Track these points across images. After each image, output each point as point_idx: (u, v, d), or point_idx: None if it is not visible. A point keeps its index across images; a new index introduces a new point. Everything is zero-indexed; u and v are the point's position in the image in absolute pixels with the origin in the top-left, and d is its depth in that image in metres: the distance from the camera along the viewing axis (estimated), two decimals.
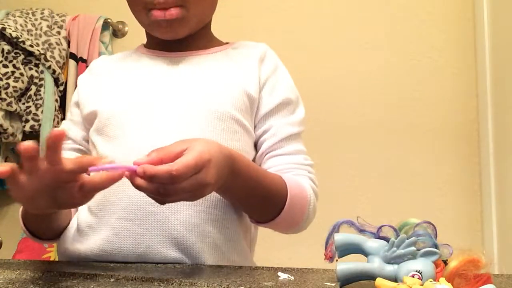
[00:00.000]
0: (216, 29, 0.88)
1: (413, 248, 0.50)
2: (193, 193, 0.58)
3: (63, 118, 1.53)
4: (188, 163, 0.55)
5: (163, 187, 0.55)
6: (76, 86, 0.90)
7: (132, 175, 0.56)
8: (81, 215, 0.75)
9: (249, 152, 0.80)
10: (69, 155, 0.79)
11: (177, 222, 0.70)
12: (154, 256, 0.69)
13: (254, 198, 0.72)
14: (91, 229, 0.73)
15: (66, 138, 0.55)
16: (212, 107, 0.76)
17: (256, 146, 0.82)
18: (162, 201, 0.60)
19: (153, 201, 0.69)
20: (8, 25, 1.53)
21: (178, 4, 0.77)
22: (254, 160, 0.82)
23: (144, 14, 0.79)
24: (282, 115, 0.82)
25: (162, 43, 0.83)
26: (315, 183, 0.81)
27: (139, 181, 0.55)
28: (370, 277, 0.50)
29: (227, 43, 0.88)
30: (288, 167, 0.79)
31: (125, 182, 0.70)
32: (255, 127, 0.82)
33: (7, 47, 1.53)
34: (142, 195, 0.69)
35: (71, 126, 0.85)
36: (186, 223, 0.70)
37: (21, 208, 0.77)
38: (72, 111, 0.87)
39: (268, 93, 0.82)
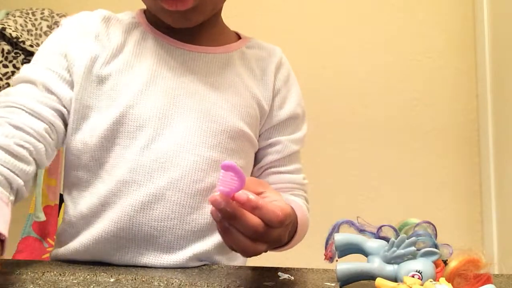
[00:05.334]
0: None
1: (413, 248, 0.50)
2: (269, 245, 0.53)
3: None
4: (287, 213, 0.51)
5: (262, 226, 0.49)
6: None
7: (225, 199, 0.47)
8: (72, 223, 0.70)
9: (251, 167, 0.78)
10: (45, 114, 0.65)
11: (170, 235, 0.66)
12: (149, 264, 0.67)
13: None
14: (83, 237, 0.68)
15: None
16: (228, 127, 0.70)
17: (255, 155, 0.79)
18: (249, 248, 0.51)
19: (144, 214, 0.65)
20: (8, 25, 1.53)
21: None
22: (252, 170, 0.79)
23: (150, 1, 0.69)
24: (289, 131, 0.79)
25: (169, 25, 0.71)
26: (308, 202, 0.81)
27: (233, 207, 0.47)
28: (370, 277, 0.50)
29: (238, 36, 0.81)
30: (289, 187, 0.78)
31: (116, 193, 0.66)
32: (259, 136, 0.78)
33: (7, 47, 1.53)
34: (133, 206, 0.65)
35: (56, 79, 0.68)
36: (178, 237, 0.66)
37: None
38: (56, 60, 0.69)
39: (278, 105, 0.78)
